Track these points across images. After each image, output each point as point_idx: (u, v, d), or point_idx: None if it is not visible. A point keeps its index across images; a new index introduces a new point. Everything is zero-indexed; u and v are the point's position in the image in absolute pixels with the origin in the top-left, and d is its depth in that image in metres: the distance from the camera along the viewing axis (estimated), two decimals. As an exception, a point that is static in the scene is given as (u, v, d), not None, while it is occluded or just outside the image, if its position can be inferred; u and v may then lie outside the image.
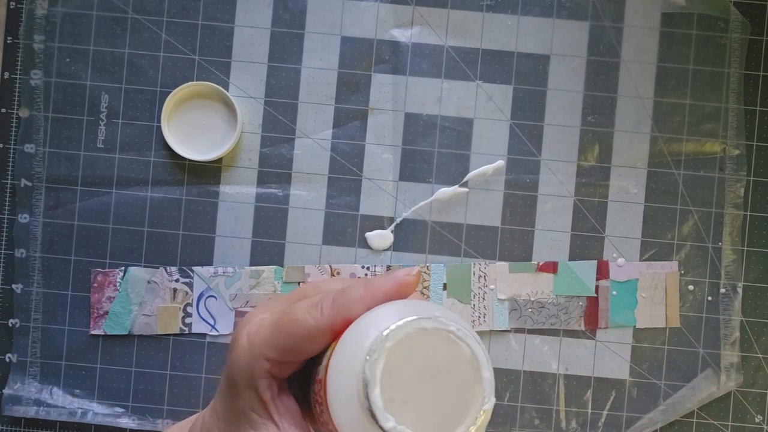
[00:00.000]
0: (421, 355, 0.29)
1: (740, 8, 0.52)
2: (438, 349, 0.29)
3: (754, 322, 0.52)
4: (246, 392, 0.33)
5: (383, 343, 0.28)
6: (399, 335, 0.28)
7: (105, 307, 0.52)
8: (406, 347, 0.29)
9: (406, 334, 0.29)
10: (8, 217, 0.53)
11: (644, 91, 0.52)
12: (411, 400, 0.29)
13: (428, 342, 0.29)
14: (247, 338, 0.33)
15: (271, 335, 0.33)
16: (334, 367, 0.30)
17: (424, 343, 0.29)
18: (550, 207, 0.52)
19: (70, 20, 0.52)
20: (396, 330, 0.28)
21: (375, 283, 0.32)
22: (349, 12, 0.52)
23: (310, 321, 0.32)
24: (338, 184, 0.52)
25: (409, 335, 0.29)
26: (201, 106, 0.52)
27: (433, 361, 0.29)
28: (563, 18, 0.52)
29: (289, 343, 0.32)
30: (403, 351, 0.29)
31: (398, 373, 0.29)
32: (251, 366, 0.33)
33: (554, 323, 0.52)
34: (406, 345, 0.29)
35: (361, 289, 0.32)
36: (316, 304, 0.32)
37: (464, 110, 0.52)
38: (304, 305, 0.33)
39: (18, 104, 0.52)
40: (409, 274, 0.33)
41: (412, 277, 0.33)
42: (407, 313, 0.29)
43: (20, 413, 0.51)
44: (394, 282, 0.32)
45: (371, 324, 0.30)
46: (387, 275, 0.33)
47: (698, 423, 0.52)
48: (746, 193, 0.53)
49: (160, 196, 0.52)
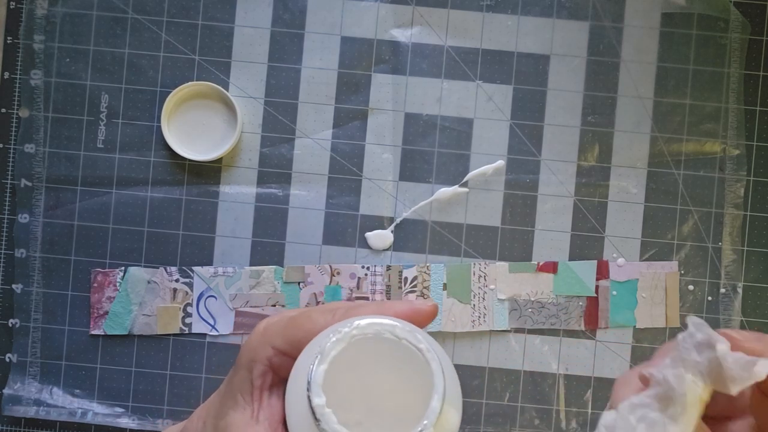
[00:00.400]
0: (374, 359, 0.29)
1: (740, 8, 0.52)
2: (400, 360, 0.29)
3: (754, 322, 0.52)
4: (242, 371, 0.34)
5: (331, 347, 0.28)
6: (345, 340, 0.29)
7: (105, 307, 0.52)
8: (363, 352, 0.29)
9: (351, 336, 0.29)
10: (8, 217, 0.53)
11: (644, 91, 0.52)
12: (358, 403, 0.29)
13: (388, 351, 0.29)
14: (265, 326, 0.35)
15: (285, 326, 0.34)
16: (294, 368, 0.31)
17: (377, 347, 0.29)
18: (550, 207, 0.52)
19: (70, 20, 0.52)
20: (349, 330, 0.29)
21: (391, 302, 0.34)
22: (349, 12, 0.52)
23: (321, 320, 0.33)
24: (338, 184, 0.52)
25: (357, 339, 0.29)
26: (201, 106, 0.52)
27: (386, 364, 0.29)
28: (563, 18, 0.52)
29: (296, 336, 0.33)
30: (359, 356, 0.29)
31: (350, 377, 0.28)
32: (256, 348, 0.34)
33: (554, 323, 0.52)
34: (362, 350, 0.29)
35: (374, 306, 0.34)
36: (333, 309, 0.34)
37: (464, 110, 0.52)
38: (323, 308, 0.34)
39: (18, 104, 0.52)
40: (426, 303, 0.34)
41: (428, 307, 0.34)
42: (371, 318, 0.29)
43: (20, 413, 0.51)
44: (409, 307, 0.33)
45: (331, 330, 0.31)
46: (406, 300, 0.34)
47: (698, 423, 0.52)
48: (746, 193, 0.53)
49: (160, 196, 0.52)
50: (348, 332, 0.29)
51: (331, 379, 0.28)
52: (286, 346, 0.33)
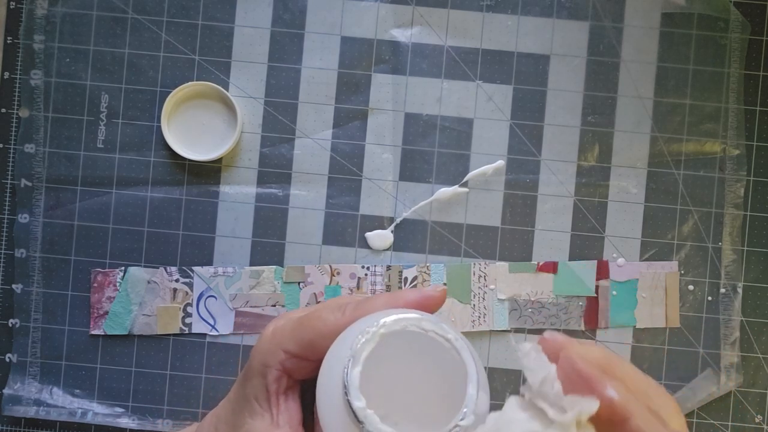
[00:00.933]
0: (406, 354, 0.29)
1: (740, 8, 0.52)
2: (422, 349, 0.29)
3: (754, 322, 0.52)
4: (256, 379, 0.34)
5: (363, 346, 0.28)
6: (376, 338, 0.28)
7: (105, 307, 0.52)
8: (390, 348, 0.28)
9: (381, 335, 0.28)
10: (8, 217, 0.53)
11: (644, 91, 0.52)
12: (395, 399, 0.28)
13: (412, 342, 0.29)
14: (273, 329, 0.34)
15: (294, 328, 0.33)
16: (323, 370, 0.30)
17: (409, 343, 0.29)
18: (550, 207, 0.52)
19: (70, 20, 0.52)
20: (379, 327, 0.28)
21: (400, 293, 0.33)
22: (349, 12, 0.52)
23: (331, 319, 0.33)
24: (338, 184, 0.52)
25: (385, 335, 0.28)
26: (201, 106, 0.52)
27: (418, 359, 0.29)
28: (563, 18, 0.52)
29: (307, 337, 0.33)
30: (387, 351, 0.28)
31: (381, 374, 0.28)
32: (268, 354, 0.33)
33: (554, 323, 0.52)
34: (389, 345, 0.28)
35: (385, 297, 0.33)
36: (342, 305, 0.33)
37: (464, 110, 0.52)
38: (331, 304, 0.34)
39: (18, 104, 0.52)
40: (436, 289, 0.33)
41: (438, 292, 0.33)
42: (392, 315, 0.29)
43: (20, 413, 0.51)
44: (419, 294, 0.33)
45: (358, 328, 0.30)
46: (415, 288, 0.33)
47: (698, 423, 0.52)
48: (746, 193, 0.53)
49: (160, 196, 0.52)
50: (376, 331, 0.28)
51: (364, 378, 0.28)
52: (298, 348, 0.33)
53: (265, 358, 0.33)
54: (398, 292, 0.33)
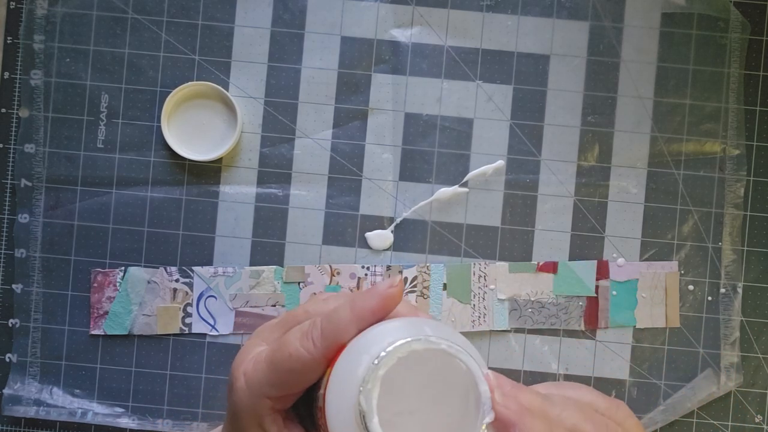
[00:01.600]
0: (417, 375, 0.29)
1: (740, 8, 0.52)
2: (433, 367, 0.29)
3: (754, 322, 0.52)
4: (253, 429, 0.33)
5: (376, 371, 0.28)
6: (391, 361, 0.28)
7: (105, 307, 0.52)
8: (400, 370, 0.28)
9: (397, 358, 0.28)
10: (8, 217, 0.53)
11: (644, 91, 0.52)
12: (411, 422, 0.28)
13: (422, 362, 0.29)
14: (245, 378, 0.33)
15: (268, 373, 0.32)
16: (331, 397, 0.30)
17: (418, 363, 0.29)
18: (550, 207, 0.52)
19: (70, 20, 0.52)
20: (387, 356, 0.28)
21: (360, 303, 0.32)
22: (349, 12, 0.52)
23: (304, 353, 0.32)
24: (338, 184, 0.52)
25: (401, 359, 0.28)
26: (201, 106, 0.52)
27: (429, 380, 0.29)
28: (563, 18, 0.52)
29: (286, 379, 0.32)
30: (397, 374, 0.28)
31: (395, 396, 0.28)
32: (254, 406, 0.33)
33: (554, 323, 0.52)
34: (399, 368, 0.28)
35: (348, 312, 0.32)
36: (306, 333, 0.32)
37: (464, 110, 0.52)
38: (295, 337, 0.32)
39: (18, 104, 0.52)
40: (392, 285, 0.32)
41: (394, 289, 0.32)
42: (398, 335, 0.29)
43: (20, 413, 0.51)
44: (378, 298, 0.32)
45: (362, 350, 0.30)
46: (370, 291, 0.32)
47: (698, 423, 0.52)
48: (746, 193, 0.53)
49: (160, 196, 0.52)
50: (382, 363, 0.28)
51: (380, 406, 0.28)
52: (280, 391, 0.32)
53: (253, 411, 0.33)
54: (359, 305, 0.32)
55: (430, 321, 0.32)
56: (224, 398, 0.52)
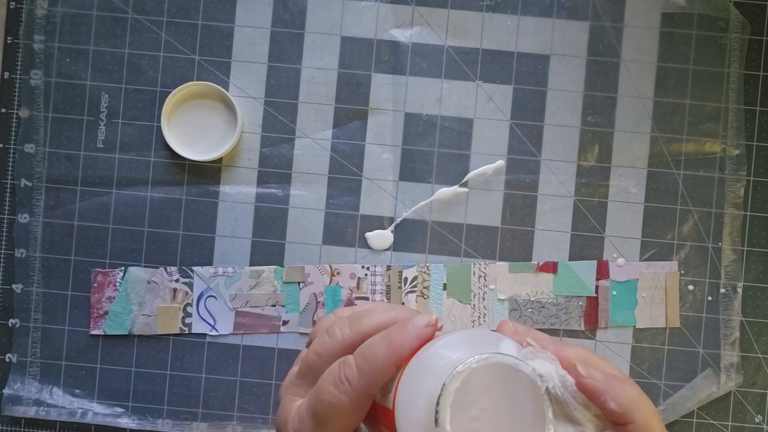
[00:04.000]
0: (483, 392, 0.29)
1: (740, 8, 0.52)
2: (498, 381, 0.29)
3: (754, 322, 0.52)
4: None
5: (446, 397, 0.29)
6: (456, 384, 0.29)
7: (105, 307, 0.52)
8: (467, 389, 0.29)
9: (461, 381, 0.29)
10: (8, 217, 0.53)
11: (644, 91, 0.52)
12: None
13: (487, 378, 0.29)
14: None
15: (316, 426, 0.32)
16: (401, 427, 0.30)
17: (483, 380, 0.29)
18: (550, 207, 0.52)
19: (70, 20, 0.52)
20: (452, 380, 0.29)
21: (396, 340, 0.32)
22: (349, 12, 0.52)
23: (343, 398, 0.31)
24: (338, 184, 0.52)
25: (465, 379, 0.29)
26: (201, 106, 0.52)
27: (496, 394, 0.29)
28: (563, 18, 0.52)
29: (336, 426, 0.32)
30: (465, 393, 0.29)
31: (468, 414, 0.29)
32: None
33: (554, 323, 0.52)
34: (465, 388, 0.29)
35: (384, 350, 0.31)
36: (340, 376, 0.32)
37: (464, 110, 0.52)
38: (327, 383, 0.32)
39: (18, 104, 0.52)
40: (429, 324, 0.32)
41: (431, 329, 0.32)
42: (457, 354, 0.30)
43: (20, 413, 0.51)
44: (416, 339, 0.32)
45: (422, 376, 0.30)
46: (406, 329, 0.32)
47: (698, 423, 0.52)
48: (746, 193, 0.53)
49: (160, 196, 0.52)
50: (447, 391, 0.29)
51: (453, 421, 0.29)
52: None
53: None
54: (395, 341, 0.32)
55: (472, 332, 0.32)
56: (224, 398, 0.52)
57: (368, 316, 0.34)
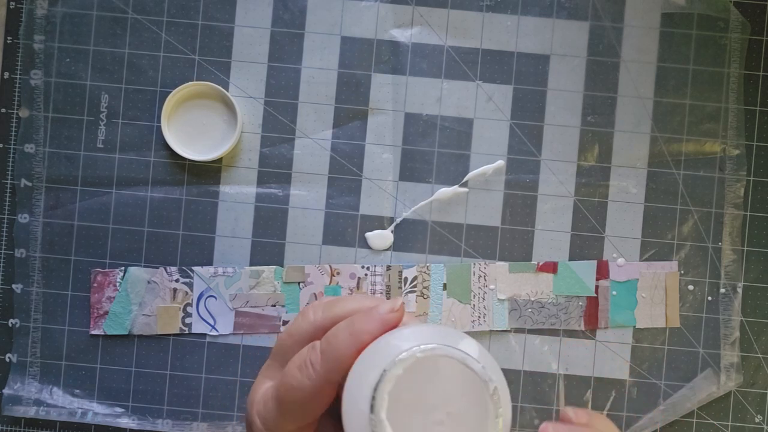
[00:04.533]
0: (426, 383, 0.29)
1: (740, 8, 0.52)
2: (442, 373, 0.29)
3: (754, 322, 0.52)
4: None
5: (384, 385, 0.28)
6: (397, 372, 0.28)
7: (105, 307, 0.52)
8: (409, 379, 0.29)
9: (404, 369, 0.29)
10: (8, 217, 0.53)
11: (644, 91, 0.52)
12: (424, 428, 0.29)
13: (430, 369, 0.29)
14: (260, 420, 0.33)
15: (278, 409, 0.32)
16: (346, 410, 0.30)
17: (426, 371, 0.29)
18: (550, 207, 0.52)
19: (70, 20, 0.52)
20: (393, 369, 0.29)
21: (358, 326, 0.31)
22: (349, 12, 0.52)
23: (305, 382, 0.31)
24: (338, 184, 0.52)
25: (408, 368, 0.29)
26: (201, 106, 0.52)
27: (440, 386, 0.29)
28: (563, 18, 0.52)
29: (296, 411, 0.32)
30: (407, 383, 0.29)
31: (407, 405, 0.29)
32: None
33: (554, 323, 0.52)
34: (407, 378, 0.29)
35: (346, 336, 0.31)
36: (305, 360, 0.32)
37: (464, 110, 0.52)
38: (294, 365, 0.32)
39: (18, 104, 0.52)
40: (393, 310, 0.32)
41: (394, 315, 0.32)
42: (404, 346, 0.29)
43: (20, 413, 0.51)
44: (378, 323, 0.31)
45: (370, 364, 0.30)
46: (370, 314, 0.32)
47: (698, 423, 0.52)
48: (746, 193, 0.53)
49: (160, 196, 0.52)
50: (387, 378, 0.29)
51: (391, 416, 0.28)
52: (295, 423, 0.32)
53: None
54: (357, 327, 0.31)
55: (435, 327, 0.32)
56: (224, 398, 0.52)
57: (342, 301, 0.34)
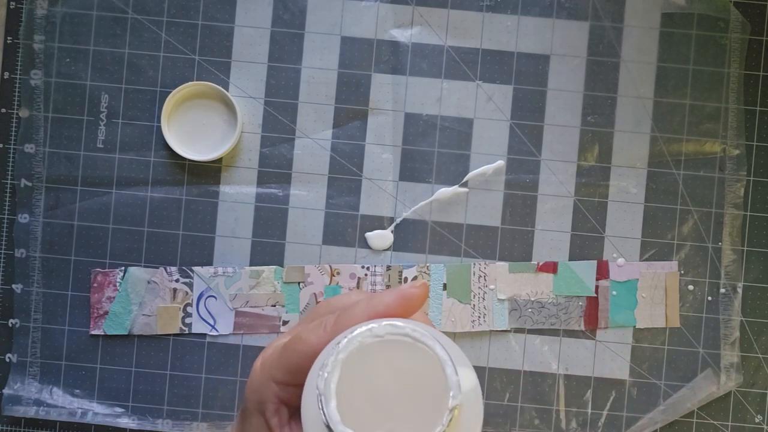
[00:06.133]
0: (383, 362, 0.28)
1: (740, 8, 0.52)
2: (401, 354, 0.28)
3: (754, 322, 0.52)
4: (254, 417, 0.32)
5: (336, 355, 0.27)
6: (352, 346, 0.28)
7: (105, 307, 0.52)
8: (365, 357, 0.28)
9: (359, 343, 0.28)
10: (8, 217, 0.53)
11: (644, 91, 0.52)
12: (375, 408, 0.28)
13: (389, 349, 0.28)
14: (261, 361, 0.33)
15: (279, 356, 0.32)
16: (305, 387, 0.30)
17: (385, 350, 0.28)
18: (550, 207, 0.52)
19: (70, 20, 0.52)
20: (349, 342, 0.28)
21: (378, 297, 0.31)
22: (349, 12, 0.52)
23: (313, 339, 0.31)
24: (338, 184, 0.52)
25: (365, 345, 0.28)
26: (201, 106, 0.52)
27: (396, 367, 0.28)
28: (563, 18, 0.52)
29: (294, 362, 0.31)
30: (361, 361, 0.28)
31: (359, 385, 0.28)
32: (260, 389, 0.32)
33: (554, 323, 0.52)
34: (363, 355, 0.28)
35: (363, 305, 0.31)
36: (321, 322, 0.31)
37: (464, 110, 0.52)
38: (312, 325, 0.32)
39: (18, 104, 0.52)
40: (414, 285, 0.31)
41: (416, 289, 0.31)
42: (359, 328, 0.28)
43: (20, 413, 0.51)
44: (397, 295, 0.31)
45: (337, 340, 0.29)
46: (391, 289, 0.31)
47: (698, 423, 0.52)
48: (746, 193, 0.53)
49: (160, 196, 0.52)
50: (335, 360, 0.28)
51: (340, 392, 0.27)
52: (288, 376, 0.32)
53: (258, 395, 0.32)
54: (376, 297, 0.31)
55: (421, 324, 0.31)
56: (224, 398, 0.52)
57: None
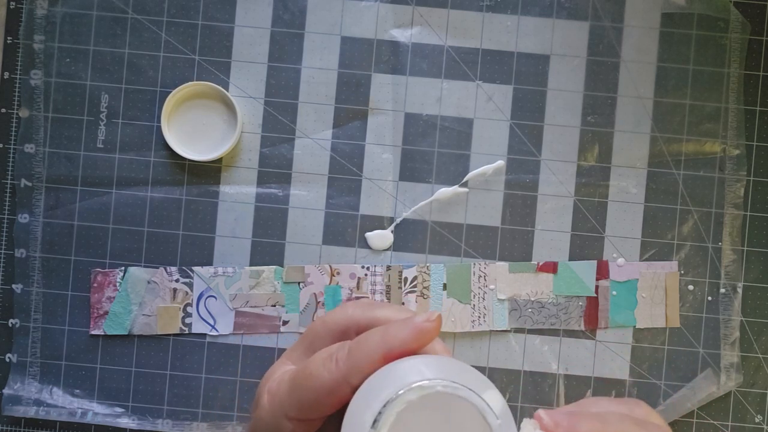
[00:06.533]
0: (428, 419, 0.28)
1: (740, 8, 0.52)
2: (444, 409, 0.28)
3: (754, 322, 0.52)
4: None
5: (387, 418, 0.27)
6: (399, 407, 0.28)
7: (105, 307, 0.52)
8: (410, 415, 0.28)
9: (407, 402, 0.28)
10: (8, 217, 0.53)
11: (644, 91, 0.52)
12: None
13: (432, 405, 0.28)
14: (268, 397, 0.32)
15: (289, 392, 0.31)
16: (347, 420, 0.29)
17: (428, 406, 0.28)
18: (550, 207, 0.52)
19: (70, 20, 0.52)
20: (396, 402, 0.28)
21: (392, 331, 0.31)
22: (349, 12, 0.52)
23: (325, 375, 0.30)
24: (338, 184, 0.52)
25: (411, 403, 0.28)
26: (201, 106, 0.52)
27: (442, 422, 0.28)
28: (563, 18, 0.52)
29: (307, 399, 0.31)
30: (407, 419, 0.28)
31: None
32: (275, 426, 0.32)
33: (554, 323, 0.52)
34: (409, 413, 0.28)
35: (377, 338, 0.30)
36: (332, 355, 0.31)
37: (464, 110, 0.52)
38: (320, 357, 0.31)
39: (18, 104, 0.52)
40: (429, 320, 0.31)
41: (431, 323, 0.31)
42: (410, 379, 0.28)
43: (20, 413, 0.51)
44: (412, 330, 0.30)
45: (376, 389, 0.29)
46: (406, 322, 0.31)
47: (698, 423, 0.52)
48: (746, 193, 0.53)
49: (160, 196, 0.52)
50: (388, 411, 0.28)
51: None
52: (301, 413, 0.31)
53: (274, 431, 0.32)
54: (391, 333, 0.30)
55: (465, 366, 0.31)
56: (224, 398, 0.52)
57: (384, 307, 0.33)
